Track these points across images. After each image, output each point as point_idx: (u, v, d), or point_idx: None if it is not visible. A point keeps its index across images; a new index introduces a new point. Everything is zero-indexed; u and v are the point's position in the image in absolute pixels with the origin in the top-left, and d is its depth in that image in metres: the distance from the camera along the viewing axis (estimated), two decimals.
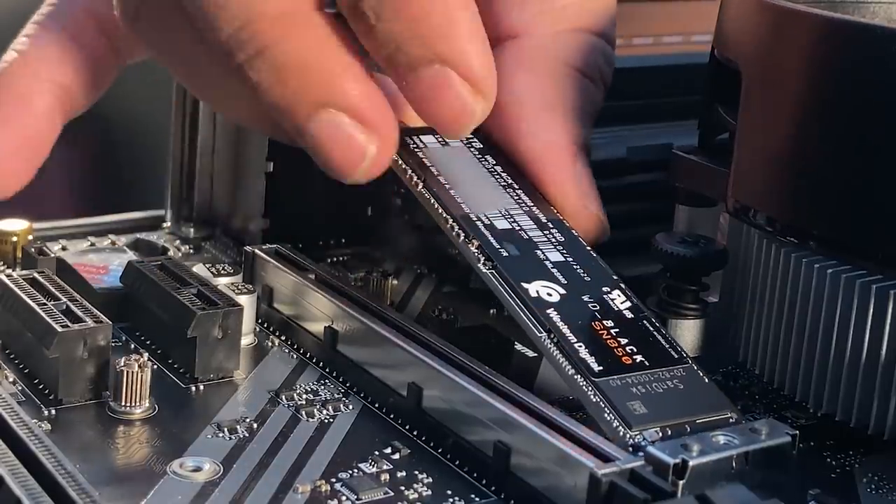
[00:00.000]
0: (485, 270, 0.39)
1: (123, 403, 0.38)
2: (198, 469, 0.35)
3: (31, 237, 0.48)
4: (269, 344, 0.43)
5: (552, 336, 0.37)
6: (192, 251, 0.50)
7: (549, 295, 0.38)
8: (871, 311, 0.37)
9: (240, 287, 0.43)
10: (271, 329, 0.44)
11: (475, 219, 0.40)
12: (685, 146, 0.44)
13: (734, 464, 0.33)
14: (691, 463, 0.32)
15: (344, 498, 0.34)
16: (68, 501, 0.32)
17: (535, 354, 0.41)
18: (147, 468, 0.35)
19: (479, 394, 0.36)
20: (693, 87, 0.45)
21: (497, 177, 0.42)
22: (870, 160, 0.37)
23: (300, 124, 0.39)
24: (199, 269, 0.44)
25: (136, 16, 0.42)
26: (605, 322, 0.38)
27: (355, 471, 0.36)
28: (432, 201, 0.40)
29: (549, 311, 0.37)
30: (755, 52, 0.40)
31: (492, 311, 0.46)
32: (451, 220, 0.40)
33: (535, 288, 0.38)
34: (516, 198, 0.42)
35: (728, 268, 0.43)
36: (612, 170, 0.48)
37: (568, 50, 0.44)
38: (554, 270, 0.39)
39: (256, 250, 0.45)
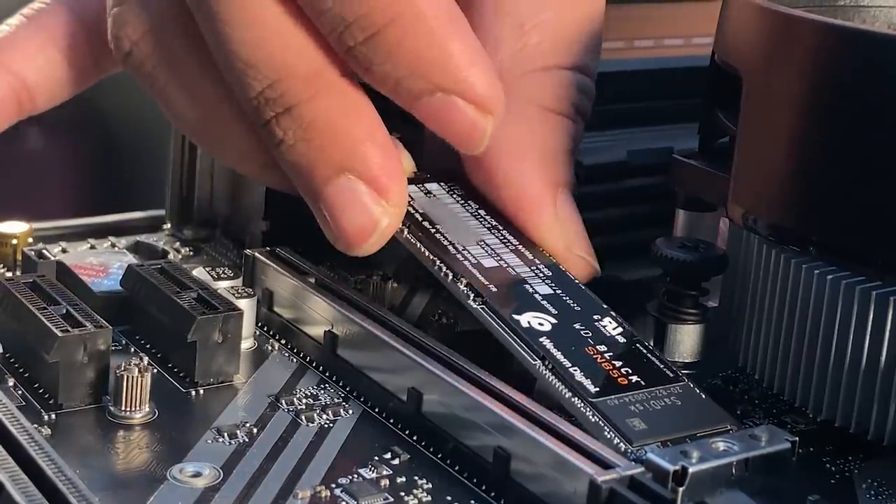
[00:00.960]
0: (475, 306, 0.39)
1: (123, 408, 0.38)
2: (198, 474, 0.35)
3: (30, 240, 0.48)
4: (269, 348, 0.43)
5: (546, 363, 0.37)
6: (191, 253, 0.50)
7: (541, 325, 0.39)
8: (871, 317, 0.37)
9: (240, 291, 0.43)
10: (271, 333, 0.44)
11: (462, 259, 0.41)
12: (685, 150, 0.44)
13: (734, 470, 0.33)
14: (691, 470, 0.32)
15: (343, 503, 0.34)
16: None
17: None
18: (147, 473, 0.35)
19: (479, 399, 0.36)
20: (694, 91, 0.45)
21: (481, 220, 0.43)
22: (870, 166, 0.37)
23: (318, 186, 0.40)
24: (199, 272, 0.44)
25: (130, 52, 0.42)
26: (598, 347, 0.38)
27: (355, 476, 0.36)
28: (418, 245, 0.41)
29: (541, 339, 0.38)
30: (756, 56, 0.40)
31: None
32: (438, 262, 0.40)
33: (527, 319, 0.39)
34: (501, 238, 0.42)
35: (728, 273, 0.43)
36: (613, 173, 0.48)
37: (541, 91, 0.43)
38: (544, 302, 0.40)
39: (256, 253, 0.45)
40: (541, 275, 0.41)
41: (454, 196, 0.44)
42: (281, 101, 0.39)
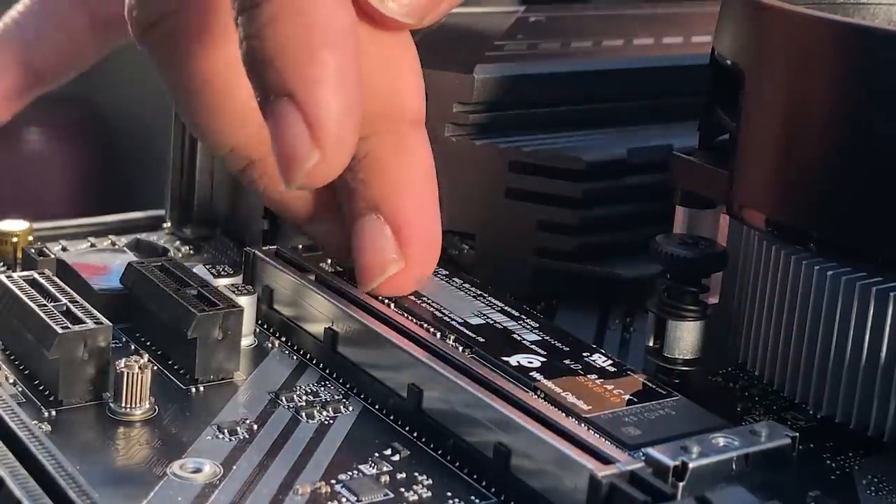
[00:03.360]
0: (466, 357, 0.39)
1: (124, 405, 0.38)
2: (198, 470, 0.35)
3: (31, 238, 0.48)
4: (270, 345, 0.43)
5: (539, 392, 0.37)
6: (192, 252, 0.50)
7: (531, 363, 0.39)
8: (871, 313, 0.37)
9: (240, 288, 0.43)
10: (271, 330, 0.44)
11: (449, 319, 0.41)
12: (685, 147, 0.44)
13: (734, 466, 0.33)
14: (691, 465, 0.32)
15: (344, 499, 0.34)
16: (68, 503, 0.32)
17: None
18: (147, 469, 0.35)
19: (479, 395, 0.36)
20: (693, 88, 0.45)
21: (465, 291, 0.44)
22: (870, 162, 0.37)
23: (265, 95, 0.36)
24: (200, 270, 0.44)
25: (152, 27, 0.42)
26: (589, 376, 0.38)
27: (355, 472, 0.36)
28: (406, 315, 0.41)
29: (532, 373, 0.38)
30: (755, 53, 0.40)
31: None
32: (425, 324, 0.41)
33: (516, 360, 0.39)
34: (487, 302, 0.43)
35: (728, 269, 0.43)
36: (613, 170, 0.48)
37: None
38: (533, 346, 0.40)
39: (256, 251, 0.45)
40: (528, 326, 0.41)
41: (438, 276, 0.44)
42: None
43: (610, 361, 0.39)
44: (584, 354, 0.40)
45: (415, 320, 0.41)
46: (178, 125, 0.52)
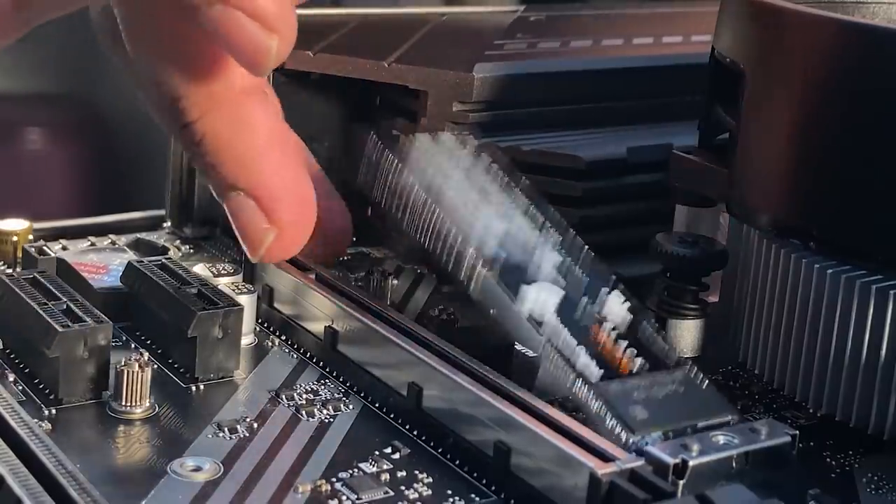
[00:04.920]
0: (483, 274, 0.38)
1: (124, 403, 0.38)
2: (198, 469, 0.35)
3: (31, 237, 0.48)
4: (270, 344, 0.43)
5: (551, 343, 0.37)
6: (192, 251, 0.50)
7: (548, 298, 0.38)
8: (871, 311, 0.37)
9: (240, 287, 0.43)
10: (271, 329, 0.44)
11: (470, 222, 0.40)
12: (685, 146, 0.44)
13: (734, 464, 0.33)
14: (691, 463, 0.32)
15: (344, 497, 0.34)
16: (69, 501, 0.32)
17: (536, 354, 0.41)
18: (147, 468, 0.35)
19: (480, 394, 0.36)
20: (693, 88, 0.45)
21: (493, 176, 0.41)
22: (870, 160, 0.37)
23: (220, 195, 0.39)
24: (200, 268, 0.44)
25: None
26: (604, 325, 0.38)
27: (355, 470, 0.36)
28: (424, 209, 0.40)
29: (547, 316, 0.37)
30: (755, 52, 0.40)
31: (492, 310, 0.46)
32: (448, 224, 0.39)
33: (535, 290, 0.38)
34: (514, 197, 0.41)
35: (728, 268, 0.43)
36: (613, 170, 0.48)
37: None
38: (553, 272, 0.39)
39: None
40: (552, 241, 0.40)
41: (466, 148, 0.42)
42: (179, 117, 0.38)
43: (627, 305, 0.38)
44: (603, 291, 0.38)
45: None
46: None
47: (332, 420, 0.38)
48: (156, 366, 0.40)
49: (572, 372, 0.36)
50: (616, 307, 0.38)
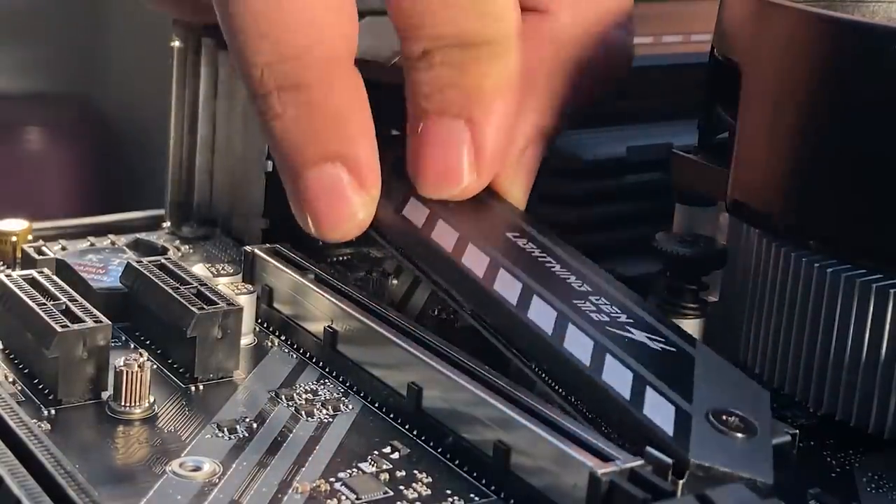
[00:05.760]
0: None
1: (123, 403, 0.38)
2: (197, 469, 0.35)
3: (30, 237, 0.48)
4: (269, 344, 0.43)
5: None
6: (191, 251, 0.50)
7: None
8: (871, 310, 0.37)
9: (239, 287, 0.43)
10: (271, 329, 0.44)
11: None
12: (685, 146, 0.44)
13: None
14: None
15: (343, 497, 0.34)
16: (67, 501, 0.31)
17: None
18: (147, 468, 0.35)
19: (479, 393, 0.36)
20: (693, 87, 0.45)
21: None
22: (869, 159, 0.37)
23: (303, 167, 0.39)
24: (199, 269, 0.44)
25: None
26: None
27: (355, 470, 0.36)
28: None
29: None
30: (755, 50, 0.40)
31: None
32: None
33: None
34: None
35: (728, 267, 0.43)
36: (612, 169, 0.48)
37: (582, 48, 0.44)
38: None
39: (256, 250, 0.45)
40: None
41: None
42: (292, 77, 0.38)
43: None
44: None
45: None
46: (178, 124, 0.52)
47: (331, 420, 0.38)
48: (155, 366, 0.40)
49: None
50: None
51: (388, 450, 0.37)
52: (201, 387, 0.40)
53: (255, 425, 0.38)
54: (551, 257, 0.40)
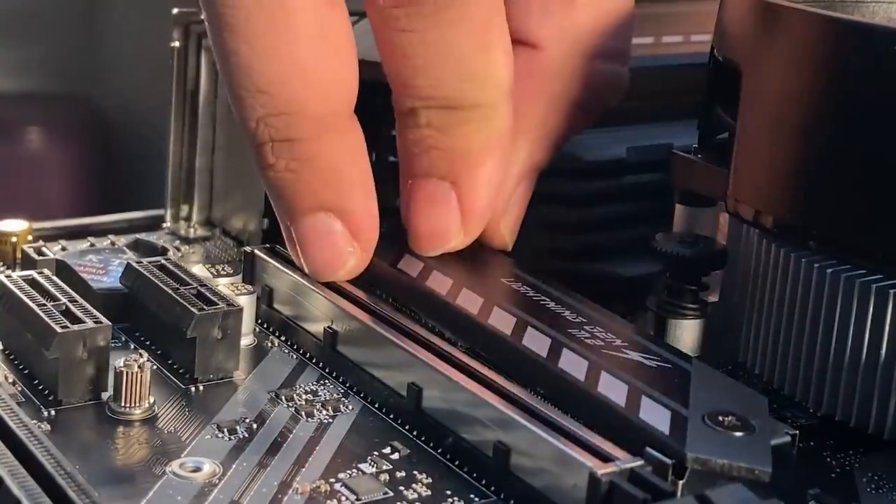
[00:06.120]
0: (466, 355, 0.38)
1: (123, 404, 0.38)
2: (197, 469, 0.35)
3: (30, 237, 0.48)
4: (269, 344, 0.43)
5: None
6: (191, 251, 0.50)
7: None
8: (871, 310, 0.37)
9: (239, 287, 0.43)
10: (271, 329, 0.44)
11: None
12: (685, 146, 0.44)
13: None
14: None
15: (343, 498, 0.34)
16: (67, 502, 0.32)
17: None
18: (147, 468, 0.35)
19: (479, 394, 0.36)
20: (693, 87, 0.45)
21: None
22: (869, 159, 0.37)
23: (296, 214, 0.40)
24: (199, 269, 0.44)
25: None
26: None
27: (355, 471, 0.36)
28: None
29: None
30: (755, 51, 0.40)
31: None
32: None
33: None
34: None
35: (728, 267, 0.43)
36: (612, 170, 0.48)
37: (573, 81, 0.44)
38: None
39: (256, 250, 0.45)
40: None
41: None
42: (285, 131, 0.39)
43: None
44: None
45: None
46: (178, 124, 0.52)
47: (331, 420, 0.38)
48: (155, 366, 0.40)
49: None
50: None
51: (387, 450, 0.37)
52: (201, 387, 0.40)
53: (255, 426, 0.38)
54: (545, 295, 0.40)
